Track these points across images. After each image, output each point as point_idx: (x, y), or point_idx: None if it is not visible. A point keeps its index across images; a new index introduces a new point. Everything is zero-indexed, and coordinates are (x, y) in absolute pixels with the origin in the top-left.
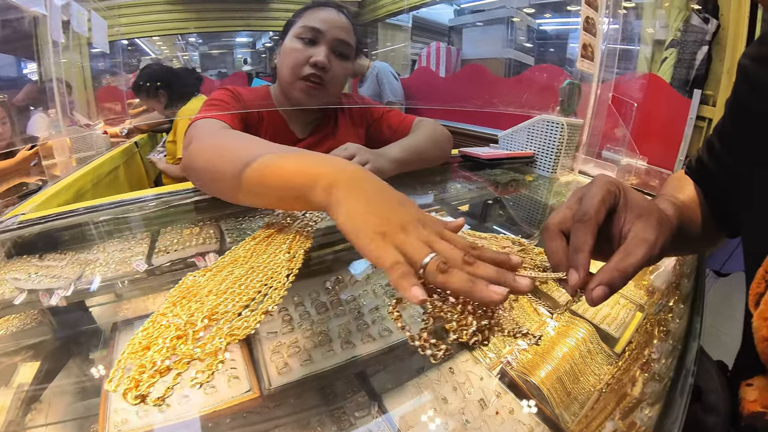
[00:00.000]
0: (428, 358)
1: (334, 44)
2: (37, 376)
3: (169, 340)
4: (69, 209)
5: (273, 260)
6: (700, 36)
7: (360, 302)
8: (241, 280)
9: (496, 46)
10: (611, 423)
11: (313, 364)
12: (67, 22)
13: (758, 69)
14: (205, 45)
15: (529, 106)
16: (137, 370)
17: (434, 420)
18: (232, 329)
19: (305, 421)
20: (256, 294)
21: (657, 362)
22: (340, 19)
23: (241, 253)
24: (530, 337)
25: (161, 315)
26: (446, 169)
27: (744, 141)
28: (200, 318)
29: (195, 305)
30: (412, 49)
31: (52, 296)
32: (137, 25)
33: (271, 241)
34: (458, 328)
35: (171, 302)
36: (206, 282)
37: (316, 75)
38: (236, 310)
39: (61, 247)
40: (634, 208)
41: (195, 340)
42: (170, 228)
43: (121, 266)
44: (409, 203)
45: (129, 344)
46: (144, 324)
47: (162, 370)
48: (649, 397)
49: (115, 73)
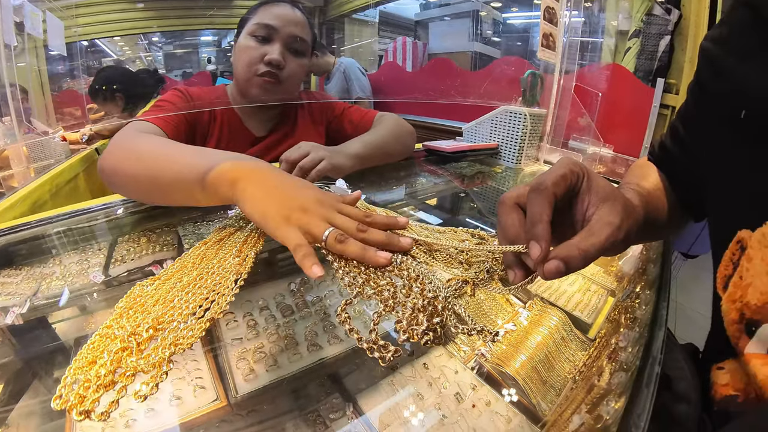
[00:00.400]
0: (377, 359)
1: (289, 41)
2: (1, 399)
3: (113, 352)
4: (23, 222)
5: (222, 265)
6: (663, 26)
7: (326, 303)
8: (189, 287)
9: (463, 40)
10: (578, 417)
11: (280, 368)
12: (20, 23)
13: (718, 50)
14: (169, 44)
15: (492, 97)
16: (82, 385)
17: (411, 417)
18: (176, 339)
19: (280, 427)
20: (203, 301)
21: (624, 350)
22: (295, 15)
23: (190, 260)
24: (485, 333)
25: (107, 327)
26: (411, 164)
27: (705, 123)
28: (145, 329)
29: (141, 316)
30: (379, 45)
31: (8, 314)
32: (96, 26)
33: (222, 246)
34: (408, 328)
35: (118, 314)
36: (154, 291)
37: (271, 73)
38: (182, 319)
39: (16, 262)
40: (599, 191)
41: (139, 352)
42: (127, 236)
43: (78, 278)
44: (309, 186)
45: (75, 359)
46: (91, 338)
47: (107, 384)
48: (616, 388)
49: (74, 76)
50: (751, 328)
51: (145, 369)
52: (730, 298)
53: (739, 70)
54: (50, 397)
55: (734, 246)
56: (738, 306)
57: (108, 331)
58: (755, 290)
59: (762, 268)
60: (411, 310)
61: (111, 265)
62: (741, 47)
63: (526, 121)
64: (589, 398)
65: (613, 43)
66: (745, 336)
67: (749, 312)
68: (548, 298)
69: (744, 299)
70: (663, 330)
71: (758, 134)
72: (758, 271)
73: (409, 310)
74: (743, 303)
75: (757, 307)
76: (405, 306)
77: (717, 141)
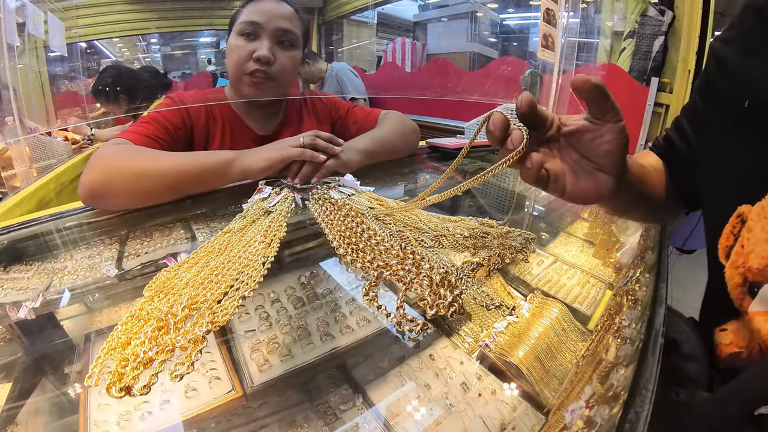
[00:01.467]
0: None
1: (277, 35)
2: (11, 396)
3: (150, 331)
4: (32, 218)
5: (248, 250)
6: (657, 27)
7: (336, 295)
8: (218, 270)
9: (461, 41)
10: (589, 387)
11: (294, 358)
12: (22, 24)
13: (726, 49)
14: (168, 45)
15: (492, 95)
16: (119, 364)
17: (419, 407)
18: (212, 317)
19: (290, 419)
20: (233, 282)
21: (628, 328)
22: (281, 8)
23: (216, 246)
24: (504, 308)
25: (139, 309)
26: (414, 161)
27: (710, 114)
28: (180, 308)
29: (174, 298)
30: (377, 46)
31: (20, 309)
32: (96, 27)
33: (245, 233)
34: (433, 304)
35: (149, 297)
36: (182, 275)
37: (261, 70)
38: (216, 299)
39: (26, 257)
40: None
41: (176, 330)
42: (139, 231)
43: (90, 272)
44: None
45: (107, 341)
46: (122, 319)
47: (146, 361)
48: (623, 360)
49: (74, 77)
50: (753, 290)
51: (184, 345)
52: (733, 265)
53: (744, 66)
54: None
55: (734, 220)
56: (741, 271)
57: (140, 313)
58: (756, 256)
59: (762, 236)
60: (429, 287)
61: (124, 259)
62: (747, 46)
63: None
64: (599, 371)
65: (609, 44)
66: (748, 297)
67: (751, 275)
68: (548, 291)
69: (746, 264)
70: (664, 307)
71: (760, 120)
72: (759, 239)
73: (426, 287)
74: (746, 268)
75: (758, 270)
76: (422, 284)
77: (720, 129)
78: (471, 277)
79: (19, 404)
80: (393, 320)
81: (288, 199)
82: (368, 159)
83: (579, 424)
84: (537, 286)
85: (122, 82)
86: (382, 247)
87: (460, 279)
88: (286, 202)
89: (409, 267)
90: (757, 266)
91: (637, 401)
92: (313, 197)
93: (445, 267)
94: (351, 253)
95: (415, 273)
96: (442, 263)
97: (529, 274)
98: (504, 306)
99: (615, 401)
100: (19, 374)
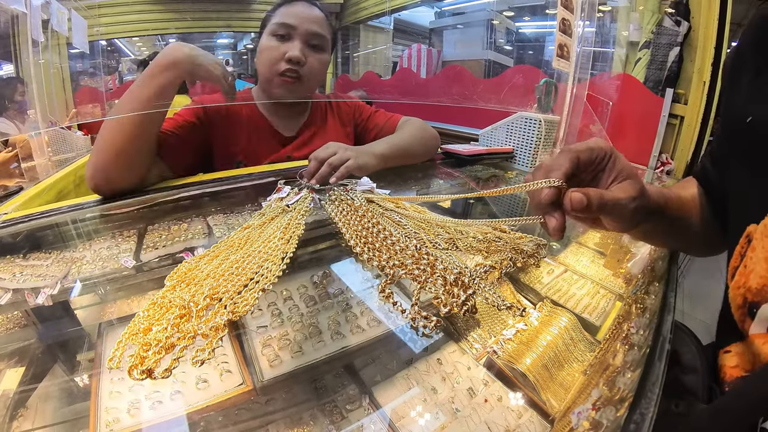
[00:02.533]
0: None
1: (308, 37)
2: (23, 380)
3: (173, 318)
4: (53, 207)
5: (267, 245)
6: (672, 37)
7: (348, 295)
8: (238, 263)
9: (476, 48)
10: (596, 390)
11: (304, 355)
12: (46, 21)
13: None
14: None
15: (508, 103)
16: (141, 348)
17: (425, 410)
18: (233, 307)
19: (297, 416)
20: (253, 275)
21: (636, 334)
22: (313, 12)
23: (236, 241)
24: (515, 309)
25: (161, 298)
26: (428, 166)
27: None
28: (202, 297)
29: (195, 287)
30: (393, 51)
31: (39, 295)
32: (117, 26)
33: (264, 230)
34: (447, 302)
35: (171, 286)
36: (203, 267)
37: (292, 70)
38: (236, 290)
39: (45, 246)
40: (623, 171)
41: (198, 318)
42: (157, 225)
43: (108, 263)
44: None
45: (129, 327)
46: (144, 306)
47: (167, 347)
48: (630, 365)
49: (94, 74)
50: (752, 310)
51: (206, 332)
52: (735, 285)
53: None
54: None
55: (743, 240)
56: (742, 291)
57: (162, 301)
58: (756, 275)
59: (762, 255)
60: (443, 286)
61: (142, 251)
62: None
63: (541, 127)
64: (606, 375)
65: (624, 54)
66: (748, 318)
67: (750, 295)
68: (558, 301)
69: (747, 284)
70: (672, 315)
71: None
72: (759, 258)
73: (440, 286)
74: (746, 288)
75: (757, 290)
76: (436, 283)
77: (734, 146)
78: (483, 279)
79: (32, 388)
80: (408, 317)
81: (307, 199)
82: (384, 163)
83: (585, 425)
84: (547, 294)
85: None
86: (397, 248)
87: (473, 280)
88: (305, 201)
89: (424, 267)
90: (756, 286)
91: (642, 403)
92: (330, 198)
93: (458, 268)
94: (368, 252)
95: (429, 272)
96: (455, 264)
97: (539, 282)
98: (515, 307)
99: (621, 404)
100: (33, 359)
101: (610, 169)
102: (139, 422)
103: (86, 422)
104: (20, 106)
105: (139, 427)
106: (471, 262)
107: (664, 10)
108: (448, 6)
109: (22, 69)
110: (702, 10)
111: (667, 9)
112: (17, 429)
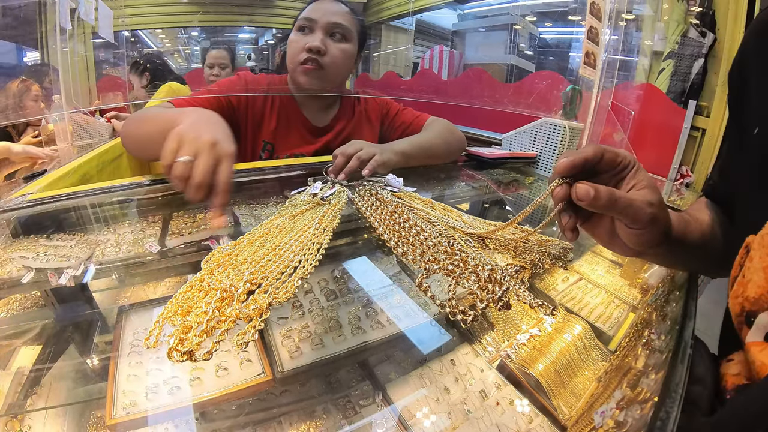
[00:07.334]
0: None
1: (329, 28)
2: (40, 358)
3: (214, 302)
4: (79, 189)
5: (303, 235)
6: (697, 49)
7: (368, 291)
8: (275, 251)
9: (499, 52)
10: (619, 391)
11: (325, 348)
12: (73, 9)
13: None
14: (207, 40)
15: (532, 108)
16: (181, 331)
17: (437, 409)
18: (274, 292)
19: (310, 409)
20: (290, 262)
21: (657, 340)
22: (335, 6)
23: (270, 228)
24: (546, 307)
25: (199, 281)
26: (451, 167)
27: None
28: (242, 282)
29: (233, 272)
30: (414, 52)
31: (62, 275)
32: (141, 17)
33: (297, 219)
34: (484, 297)
35: (208, 270)
36: (240, 252)
37: (312, 58)
38: (275, 277)
39: (69, 227)
40: (643, 180)
41: (239, 302)
42: (182, 212)
43: (133, 247)
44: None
45: (166, 308)
46: (182, 288)
47: (209, 329)
48: (652, 368)
49: (117, 64)
50: (750, 319)
51: (249, 314)
52: (734, 295)
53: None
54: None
55: (742, 250)
56: (740, 301)
57: (199, 284)
58: (753, 285)
59: (759, 265)
60: (477, 282)
61: (167, 237)
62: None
63: (565, 134)
64: (628, 377)
65: (648, 63)
66: (746, 327)
67: (748, 305)
68: (572, 308)
69: (745, 294)
70: (693, 321)
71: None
72: (756, 267)
73: (474, 282)
74: (744, 297)
75: (754, 299)
76: (469, 278)
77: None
78: (514, 278)
79: (47, 367)
80: (446, 310)
81: (343, 193)
82: (405, 161)
83: (609, 423)
84: (561, 301)
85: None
86: (429, 243)
87: (504, 277)
88: (342, 194)
89: (458, 262)
90: (753, 295)
91: (667, 402)
92: (359, 193)
93: (489, 265)
94: (401, 246)
95: (463, 268)
96: (486, 262)
97: (554, 289)
98: (546, 306)
99: (644, 404)
100: (50, 339)
101: (631, 177)
102: (157, 406)
103: (100, 404)
104: (48, 92)
105: (156, 411)
106: (501, 262)
107: (690, 21)
108: (471, 9)
109: (48, 55)
110: (728, 22)
111: (693, 20)
112: (31, 406)
